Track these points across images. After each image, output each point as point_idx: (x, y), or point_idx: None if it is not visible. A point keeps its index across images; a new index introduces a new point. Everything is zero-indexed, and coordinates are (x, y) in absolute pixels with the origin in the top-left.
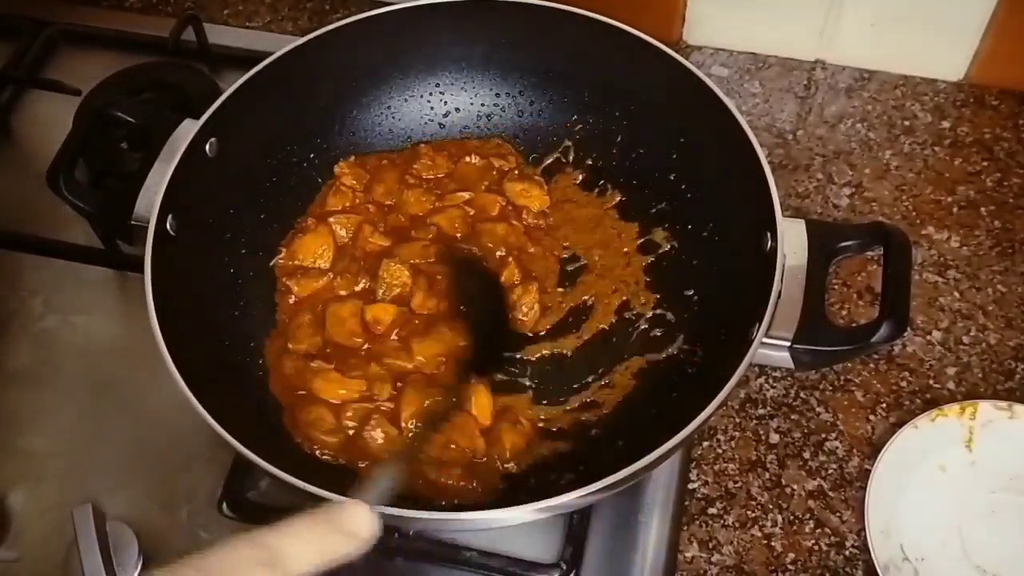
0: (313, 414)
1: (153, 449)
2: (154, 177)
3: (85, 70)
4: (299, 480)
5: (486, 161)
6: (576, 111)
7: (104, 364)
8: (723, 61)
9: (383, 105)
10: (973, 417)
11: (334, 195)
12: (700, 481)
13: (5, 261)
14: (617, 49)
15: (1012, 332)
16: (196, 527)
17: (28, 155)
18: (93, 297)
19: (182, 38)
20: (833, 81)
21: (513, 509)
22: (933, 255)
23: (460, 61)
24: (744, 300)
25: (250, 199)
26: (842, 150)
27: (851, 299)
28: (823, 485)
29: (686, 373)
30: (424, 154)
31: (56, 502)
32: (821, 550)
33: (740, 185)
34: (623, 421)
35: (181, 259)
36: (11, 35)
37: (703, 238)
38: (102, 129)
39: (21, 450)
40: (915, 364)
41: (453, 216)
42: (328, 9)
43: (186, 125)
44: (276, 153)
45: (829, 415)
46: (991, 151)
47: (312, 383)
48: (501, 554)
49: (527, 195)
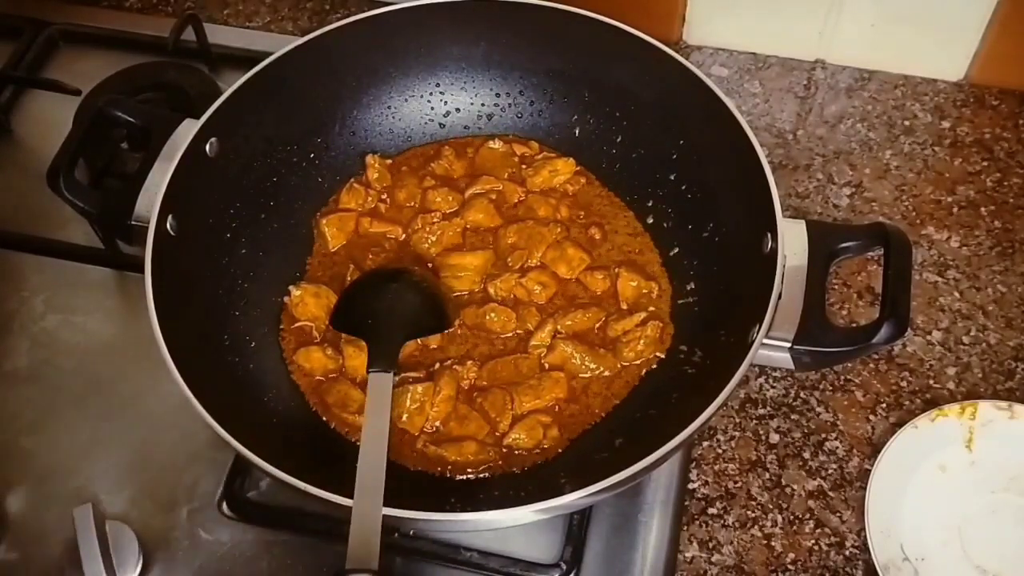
0: (340, 393)
1: (153, 449)
2: (154, 177)
3: (85, 70)
4: (299, 480)
5: (508, 147)
6: (576, 111)
7: (104, 364)
8: (723, 61)
9: (383, 105)
10: (973, 417)
11: (347, 193)
12: (700, 481)
13: (5, 261)
14: (617, 49)
15: (1012, 332)
16: (196, 527)
17: (28, 155)
18: (93, 297)
19: (182, 38)
20: (833, 81)
21: (513, 509)
22: (933, 255)
23: (460, 61)
24: (744, 301)
25: (250, 199)
26: (842, 150)
27: (851, 299)
28: (823, 485)
29: (686, 374)
30: (445, 155)
31: (56, 502)
32: (821, 550)
33: (740, 185)
34: (623, 422)
35: (181, 259)
36: (11, 35)
37: (703, 238)
38: (102, 129)
39: (21, 450)
40: (915, 364)
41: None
42: (328, 9)
43: (186, 125)
44: (276, 153)
45: (829, 415)
46: (991, 151)
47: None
48: (501, 554)
49: (554, 172)
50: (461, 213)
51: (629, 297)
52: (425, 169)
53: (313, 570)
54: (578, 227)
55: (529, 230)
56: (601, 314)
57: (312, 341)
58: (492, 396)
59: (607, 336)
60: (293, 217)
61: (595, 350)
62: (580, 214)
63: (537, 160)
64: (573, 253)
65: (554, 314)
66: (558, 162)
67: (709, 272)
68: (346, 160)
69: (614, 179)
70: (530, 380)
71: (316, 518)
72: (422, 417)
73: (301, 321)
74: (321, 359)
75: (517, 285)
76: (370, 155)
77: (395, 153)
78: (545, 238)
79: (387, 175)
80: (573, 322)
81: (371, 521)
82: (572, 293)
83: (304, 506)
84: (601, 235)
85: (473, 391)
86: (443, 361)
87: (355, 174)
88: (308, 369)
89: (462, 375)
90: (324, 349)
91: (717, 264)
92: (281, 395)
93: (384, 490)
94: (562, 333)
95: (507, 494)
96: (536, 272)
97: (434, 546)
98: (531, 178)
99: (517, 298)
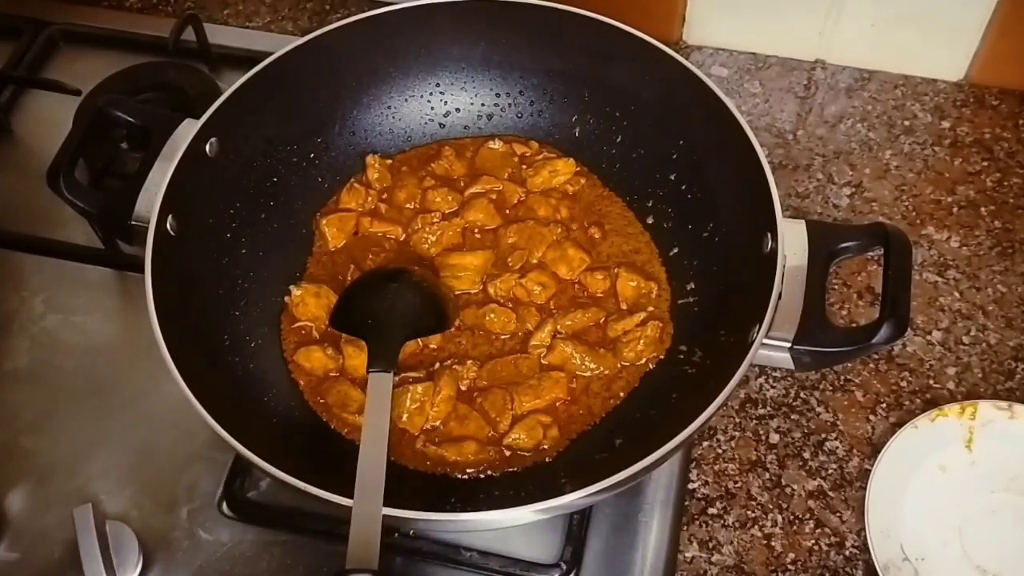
0: (340, 393)
1: (153, 449)
2: (154, 177)
3: (85, 70)
4: (299, 480)
5: (508, 147)
6: (576, 111)
7: (104, 364)
8: (723, 61)
9: (383, 105)
10: (973, 417)
11: (347, 193)
12: (700, 481)
13: (5, 261)
14: (617, 49)
15: (1012, 332)
16: (196, 527)
17: (28, 155)
18: (93, 297)
19: (182, 38)
20: (833, 81)
21: (513, 509)
22: (933, 255)
23: (460, 61)
24: (744, 301)
25: (250, 199)
26: (842, 150)
27: (851, 299)
28: (823, 485)
29: (686, 374)
30: (445, 155)
31: (56, 502)
32: (821, 550)
33: (740, 185)
34: (623, 422)
35: (181, 259)
36: (11, 35)
37: (703, 238)
38: (102, 129)
39: (21, 450)
40: (915, 364)
41: (482, 207)
42: (328, 9)
43: (186, 125)
44: (276, 153)
45: (829, 415)
46: (991, 151)
47: (346, 362)
48: (501, 554)
49: (554, 172)
50: (461, 213)
51: (629, 297)
52: (425, 169)
53: (313, 570)
54: (578, 227)
55: (529, 230)
56: (601, 314)
57: (312, 341)
58: (492, 396)
59: (607, 336)
60: (293, 217)
61: (595, 350)
62: (580, 214)
63: (537, 160)
64: (573, 253)
65: (554, 314)
66: (558, 162)
67: (709, 272)
68: (346, 160)
69: (614, 179)
70: (530, 380)
71: (316, 518)
72: (422, 417)
73: (301, 321)
74: (321, 359)
75: (517, 285)
76: (370, 155)
77: (395, 153)
78: (545, 238)
79: (387, 175)
80: (573, 322)
81: (371, 521)
82: (572, 293)
83: (304, 506)
84: (601, 235)
85: (473, 391)
86: (443, 361)
87: (355, 174)
88: (308, 369)
89: (462, 375)
90: (324, 349)
91: (717, 264)
92: (281, 395)
93: (384, 490)
94: (562, 333)
95: (507, 494)
96: (536, 272)
97: (434, 546)
98: (531, 178)
99: (517, 298)
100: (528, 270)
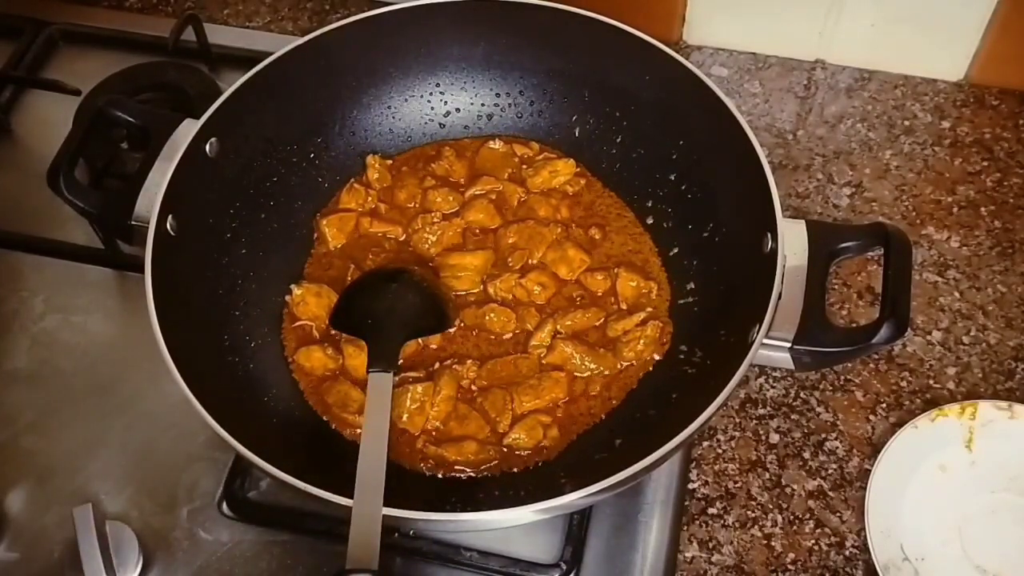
0: (340, 392)
1: (153, 449)
2: (154, 177)
3: (85, 70)
4: (299, 480)
5: (508, 147)
6: (576, 111)
7: (104, 364)
8: (723, 61)
9: (383, 105)
10: (973, 417)
11: (347, 193)
12: (700, 481)
13: (5, 261)
14: (617, 49)
15: (1012, 332)
16: (196, 527)
17: (28, 155)
18: (93, 297)
19: (182, 38)
20: (833, 81)
21: (513, 510)
22: (933, 255)
23: (460, 61)
24: (744, 301)
25: (250, 199)
26: (842, 150)
27: (851, 299)
28: (823, 485)
29: (686, 374)
30: (445, 156)
31: (56, 502)
32: (821, 550)
33: (740, 185)
34: (623, 422)
35: (181, 259)
36: (11, 35)
37: (703, 238)
38: (102, 129)
39: (21, 450)
40: (915, 364)
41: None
42: (328, 9)
43: (186, 125)
44: (276, 153)
45: (829, 415)
46: (991, 151)
47: (346, 362)
48: (501, 554)
49: (554, 173)
50: (461, 213)
51: (629, 297)
52: (425, 169)
53: (313, 570)
54: (578, 227)
55: (529, 230)
56: (601, 314)
57: (312, 341)
58: (492, 396)
59: (607, 336)
60: (293, 217)
61: (595, 350)
62: (580, 214)
63: (537, 161)
64: (573, 254)
65: (554, 314)
66: (558, 163)
67: (709, 272)
68: (346, 160)
69: (614, 179)
70: (530, 380)
71: (316, 518)
72: (422, 417)
73: (302, 320)
74: (321, 359)
75: (517, 285)
76: (370, 155)
77: (395, 153)
78: (545, 238)
79: (387, 175)
80: (573, 322)
81: (371, 521)
82: (572, 293)
83: (304, 506)
84: (601, 235)
85: (473, 391)
86: (443, 361)
87: (355, 174)
88: (308, 369)
89: (462, 375)
90: (324, 349)
91: (717, 264)
92: (281, 395)
93: (384, 490)
94: (562, 333)
95: (507, 494)
96: (536, 272)
97: (434, 546)
98: (531, 178)
99: (517, 298)
100: (528, 270)
